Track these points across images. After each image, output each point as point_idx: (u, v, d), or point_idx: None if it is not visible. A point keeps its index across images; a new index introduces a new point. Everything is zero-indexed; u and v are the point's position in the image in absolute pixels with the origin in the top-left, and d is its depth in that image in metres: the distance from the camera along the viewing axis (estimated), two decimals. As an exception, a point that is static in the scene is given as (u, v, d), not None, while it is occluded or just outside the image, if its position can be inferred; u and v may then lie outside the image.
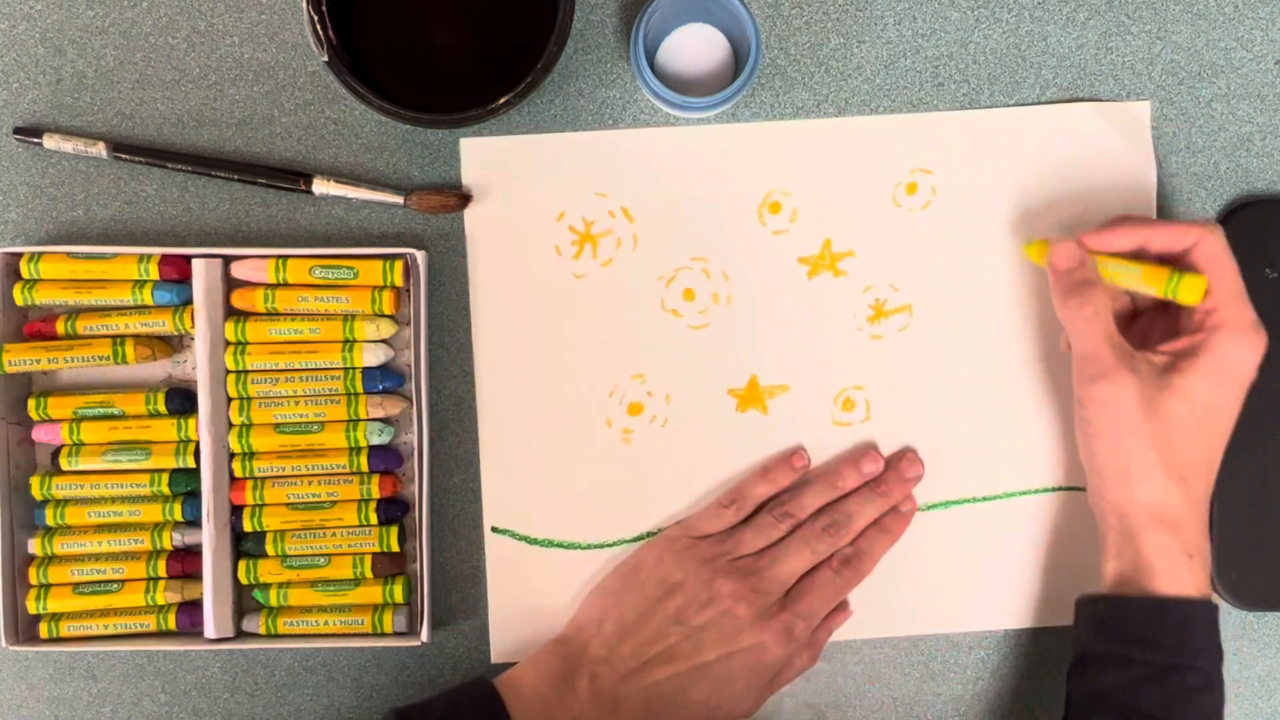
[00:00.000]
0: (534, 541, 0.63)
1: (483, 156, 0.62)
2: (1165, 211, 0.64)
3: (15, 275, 0.61)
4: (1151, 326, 0.60)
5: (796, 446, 0.62)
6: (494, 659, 0.63)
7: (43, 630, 0.60)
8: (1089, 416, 0.56)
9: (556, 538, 0.63)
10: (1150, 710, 0.54)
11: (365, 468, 0.61)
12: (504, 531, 0.63)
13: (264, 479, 0.61)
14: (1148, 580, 0.55)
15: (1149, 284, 0.56)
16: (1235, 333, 0.55)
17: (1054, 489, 0.63)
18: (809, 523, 0.60)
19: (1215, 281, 0.55)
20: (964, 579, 0.63)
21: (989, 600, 0.64)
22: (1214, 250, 0.55)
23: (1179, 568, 0.55)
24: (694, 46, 0.62)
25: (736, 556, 0.60)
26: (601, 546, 0.63)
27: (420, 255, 0.60)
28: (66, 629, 0.60)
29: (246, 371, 0.61)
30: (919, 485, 0.63)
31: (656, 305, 0.63)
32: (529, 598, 0.63)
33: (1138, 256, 0.58)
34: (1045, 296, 0.62)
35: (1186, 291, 0.55)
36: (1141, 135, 0.63)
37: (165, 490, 0.61)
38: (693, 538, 0.61)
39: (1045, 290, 0.61)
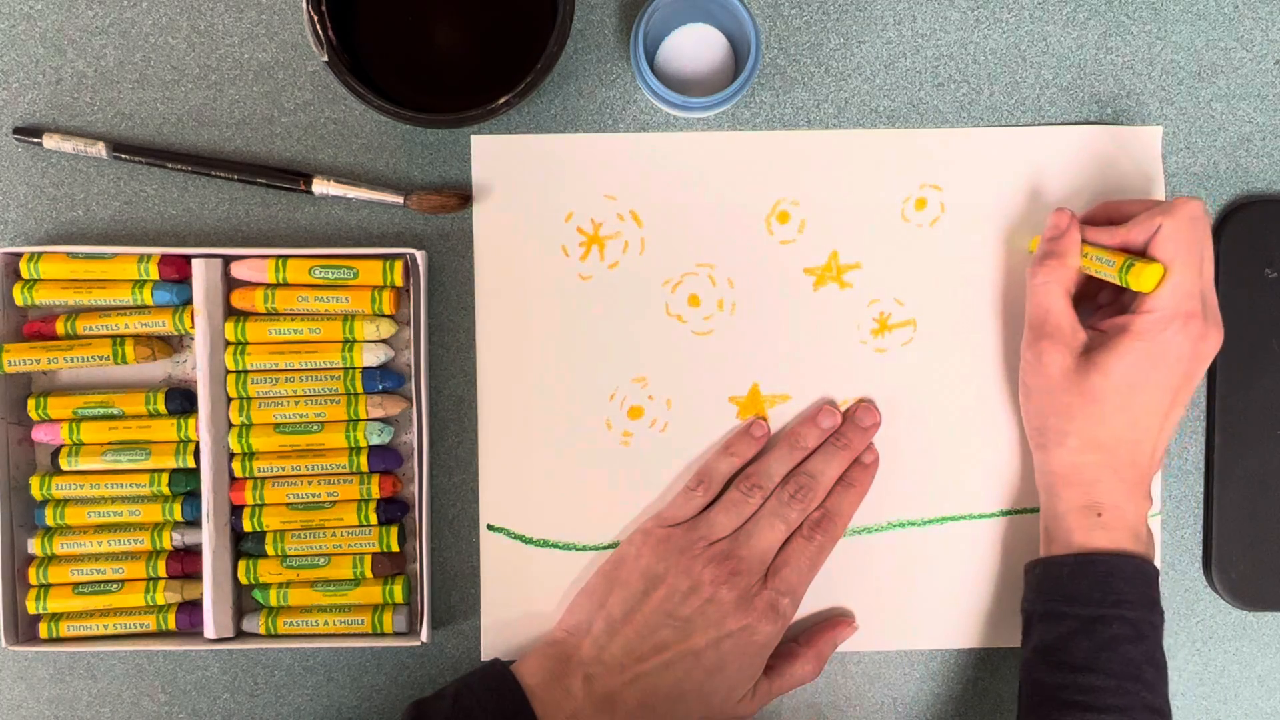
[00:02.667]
0: (530, 541, 0.63)
1: (493, 154, 0.62)
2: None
3: (15, 275, 0.61)
4: (1111, 305, 0.61)
5: (755, 418, 0.63)
6: (484, 656, 0.63)
7: (43, 630, 0.60)
8: (1023, 378, 0.59)
9: (552, 538, 0.63)
10: (1079, 660, 0.55)
11: (365, 468, 0.61)
12: (500, 530, 0.63)
13: (264, 479, 0.61)
14: (1065, 535, 0.57)
15: (1110, 271, 0.57)
16: (1168, 318, 0.55)
17: None
18: (777, 491, 0.61)
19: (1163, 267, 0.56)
20: (966, 595, 0.63)
21: (988, 617, 0.64)
22: (1170, 235, 0.56)
23: (1090, 523, 0.57)
24: (694, 46, 0.62)
25: (713, 540, 0.60)
26: (597, 548, 0.63)
27: (420, 255, 0.60)
28: (66, 629, 0.60)
29: (246, 371, 0.61)
30: (921, 499, 0.63)
31: (661, 310, 0.63)
32: (523, 597, 0.63)
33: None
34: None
35: (1136, 279, 0.55)
36: (1152, 160, 0.63)
37: (165, 490, 0.61)
38: (667, 527, 0.61)
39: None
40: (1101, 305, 0.61)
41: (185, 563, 0.61)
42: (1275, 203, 0.63)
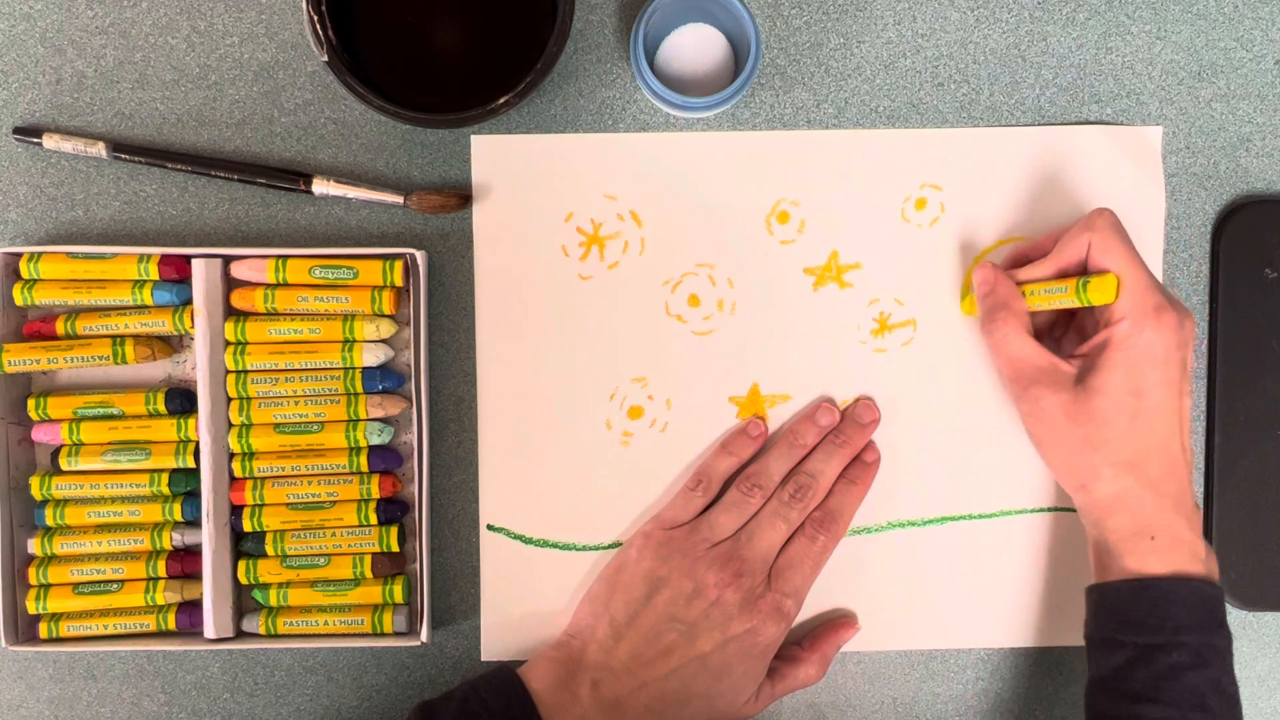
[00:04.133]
0: (529, 541, 0.63)
1: (493, 154, 0.62)
2: (1168, 213, 0.63)
3: (15, 275, 0.61)
4: (1067, 334, 0.61)
5: (753, 417, 0.63)
6: (484, 656, 0.63)
7: (43, 630, 0.60)
8: (1028, 429, 0.58)
9: (552, 538, 0.63)
10: (1139, 690, 0.54)
11: (365, 468, 0.61)
12: (500, 530, 0.63)
13: (264, 479, 0.61)
14: (1119, 564, 0.56)
15: (1065, 297, 0.57)
16: (1137, 319, 0.55)
17: (1051, 509, 0.63)
18: (778, 491, 0.61)
19: (1113, 274, 0.56)
20: (964, 595, 0.63)
21: (989, 617, 0.64)
22: (1104, 245, 0.56)
23: (1143, 548, 0.56)
24: (694, 46, 0.62)
25: (715, 542, 0.60)
26: (597, 549, 0.63)
27: (420, 255, 0.60)
28: (66, 629, 0.60)
29: (246, 371, 0.61)
30: (922, 499, 0.63)
31: (661, 310, 0.63)
32: (523, 597, 0.63)
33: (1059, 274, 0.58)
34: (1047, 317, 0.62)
35: (1096, 292, 0.55)
36: (1152, 160, 0.63)
37: (165, 490, 0.61)
38: (668, 529, 0.61)
39: (1048, 311, 0.61)
40: (1058, 337, 0.61)
41: (185, 563, 0.61)
42: (1275, 203, 0.63)
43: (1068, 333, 0.61)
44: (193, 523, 0.61)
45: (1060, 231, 0.59)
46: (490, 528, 0.63)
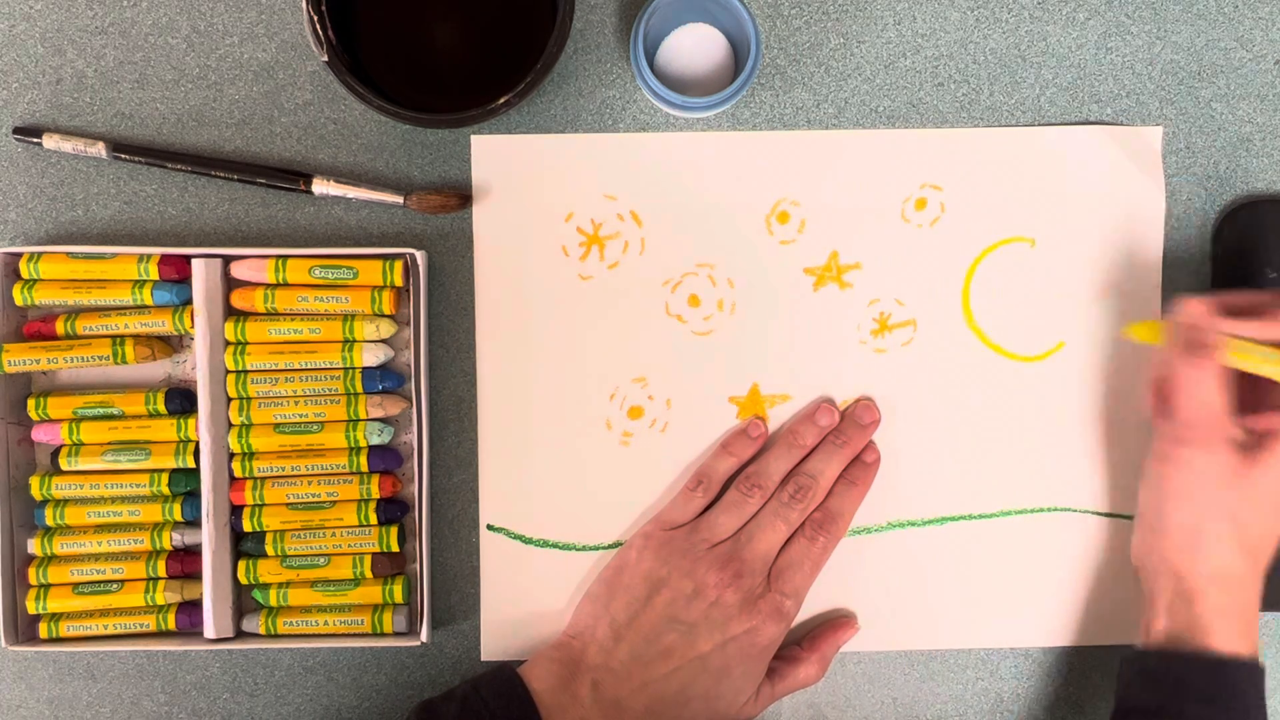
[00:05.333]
0: (529, 541, 0.63)
1: (492, 154, 0.62)
2: (1168, 213, 0.63)
3: (15, 275, 0.61)
4: (1238, 392, 0.58)
5: (753, 418, 0.63)
6: (484, 656, 0.63)
7: (42, 630, 0.60)
8: (1170, 474, 0.57)
9: (552, 538, 0.63)
10: None
11: (365, 468, 0.61)
12: (500, 530, 0.63)
13: (264, 479, 0.61)
14: (1203, 639, 0.55)
15: (1272, 368, 0.55)
16: None
17: (1051, 509, 0.63)
18: (777, 491, 0.61)
19: None
20: (964, 595, 0.63)
21: (989, 617, 0.64)
22: None
23: (1235, 629, 0.55)
24: (694, 46, 0.62)
25: (714, 542, 0.60)
26: (597, 549, 0.63)
27: (420, 255, 0.60)
28: (66, 629, 0.60)
29: (246, 371, 0.61)
30: (922, 499, 0.63)
31: (661, 310, 0.63)
32: (523, 597, 0.63)
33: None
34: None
35: None
36: (1152, 160, 0.63)
37: (165, 490, 0.61)
38: (668, 530, 0.61)
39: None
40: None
41: (185, 563, 0.61)
42: (1275, 203, 0.63)
43: (1250, 400, 0.58)
44: (193, 523, 0.61)
45: (1268, 300, 0.57)
46: (490, 528, 0.63)
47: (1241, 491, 0.55)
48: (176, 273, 0.61)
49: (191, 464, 0.61)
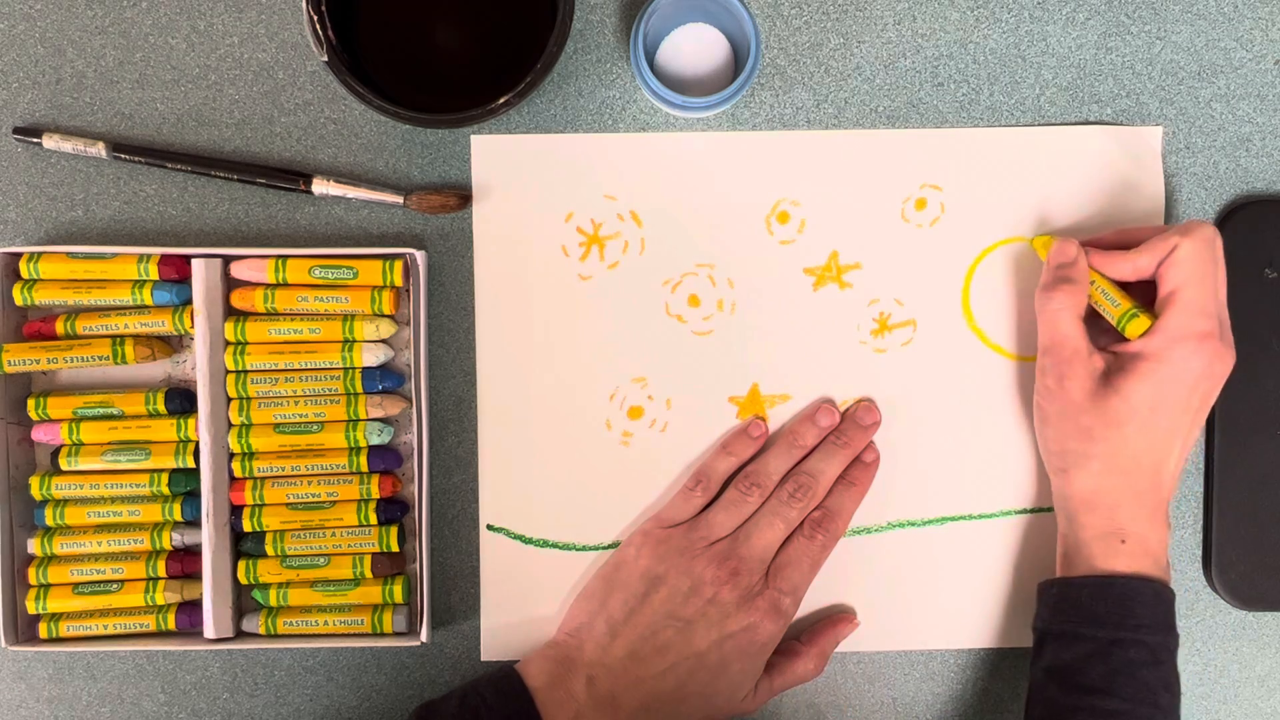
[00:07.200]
0: (529, 541, 0.63)
1: (492, 154, 0.62)
2: (1167, 213, 0.63)
3: (15, 275, 0.61)
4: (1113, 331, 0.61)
5: (754, 418, 0.63)
6: (484, 657, 0.63)
7: (42, 630, 0.60)
8: (1040, 403, 0.59)
9: (552, 538, 0.63)
10: (1094, 683, 0.55)
11: (365, 468, 0.61)
12: (500, 530, 0.63)
13: (264, 479, 0.61)
14: (1086, 560, 0.57)
15: (1109, 312, 0.58)
16: (1179, 340, 0.56)
17: (1049, 509, 0.63)
18: (776, 490, 0.61)
19: (1178, 288, 0.56)
20: (964, 595, 0.63)
21: (989, 617, 0.64)
22: (1186, 258, 0.56)
23: (1112, 548, 0.57)
24: (694, 46, 0.62)
25: (713, 540, 0.60)
26: (597, 548, 0.63)
27: (420, 255, 0.60)
28: (66, 629, 0.60)
29: (246, 371, 0.61)
30: (922, 500, 0.63)
31: (661, 310, 0.63)
32: (522, 597, 0.63)
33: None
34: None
35: (1132, 328, 0.57)
36: (1152, 160, 0.63)
37: (165, 490, 0.61)
38: (666, 528, 0.61)
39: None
40: (1106, 329, 0.61)
41: (185, 563, 0.61)
42: (1275, 203, 0.63)
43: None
44: (193, 523, 0.61)
45: (1152, 229, 0.59)
46: (490, 528, 0.63)
47: (1100, 414, 0.56)
48: (176, 273, 0.61)
49: (191, 464, 0.61)
